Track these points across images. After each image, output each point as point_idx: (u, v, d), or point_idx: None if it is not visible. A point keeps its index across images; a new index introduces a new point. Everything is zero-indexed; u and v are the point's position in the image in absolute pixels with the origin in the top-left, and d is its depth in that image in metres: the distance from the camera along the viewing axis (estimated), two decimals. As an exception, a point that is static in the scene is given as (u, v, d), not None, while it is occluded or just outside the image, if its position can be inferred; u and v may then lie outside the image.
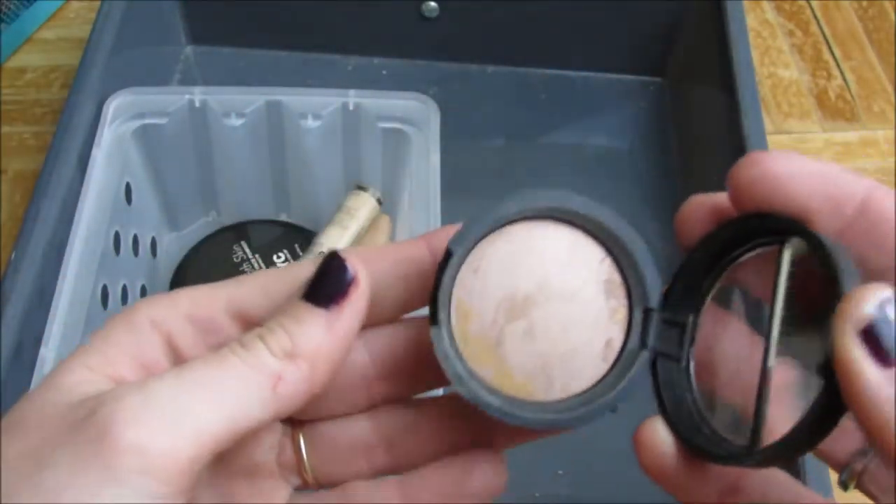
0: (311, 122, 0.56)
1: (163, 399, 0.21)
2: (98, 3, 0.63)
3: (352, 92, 0.56)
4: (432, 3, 0.70)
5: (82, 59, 0.59)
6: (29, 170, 0.67)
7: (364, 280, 0.23)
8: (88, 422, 0.20)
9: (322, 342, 0.23)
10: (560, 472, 0.54)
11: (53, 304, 0.47)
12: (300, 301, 0.23)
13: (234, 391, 0.22)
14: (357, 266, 0.23)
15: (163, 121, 0.56)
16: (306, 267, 0.24)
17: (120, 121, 0.55)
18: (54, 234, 0.50)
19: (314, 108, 0.56)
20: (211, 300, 0.24)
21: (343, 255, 0.23)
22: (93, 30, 0.61)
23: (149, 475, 0.20)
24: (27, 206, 0.51)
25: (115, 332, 0.23)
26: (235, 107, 0.56)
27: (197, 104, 0.56)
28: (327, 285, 0.23)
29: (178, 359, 0.24)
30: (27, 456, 0.20)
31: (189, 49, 0.73)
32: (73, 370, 0.22)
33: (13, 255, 0.49)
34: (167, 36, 0.71)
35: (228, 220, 0.61)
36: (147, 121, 0.55)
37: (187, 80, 0.71)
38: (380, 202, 0.59)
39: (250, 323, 0.24)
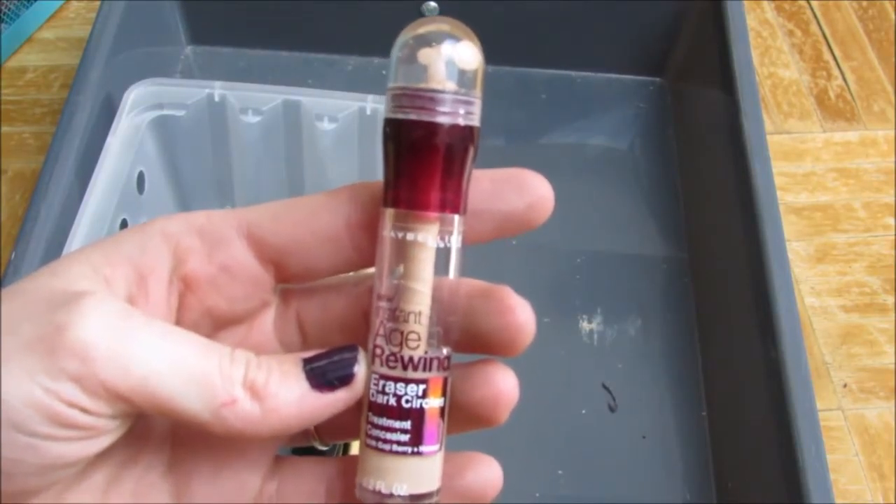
0: (326, 125, 0.56)
1: (135, 337, 0.22)
2: (98, 3, 0.63)
3: (370, 97, 0.56)
4: (432, 3, 0.70)
5: (82, 60, 0.59)
6: (29, 170, 0.67)
7: (358, 386, 0.24)
8: (61, 309, 0.22)
9: (283, 408, 0.23)
10: (560, 472, 0.54)
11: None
12: (297, 362, 0.24)
13: (192, 376, 0.22)
14: (360, 373, 0.24)
15: (181, 113, 0.55)
16: (317, 199, 0.25)
17: (138, 110, 0.55)
18: (54, 234, 0.50)
19: (331, 110, 0.56)
20: (224, 218, 0.25)
21: (358, 357, 0.24)
22: (92, 30, 0.61)
23: (79, 385, 0.21)
24: (27, 206, 0.51)
25: (125, 238, 0.24)
26: (253, 104, 0.56)
27: (216, 98, 0.56)
28: (325, 369, 0.24)
29: (181, 270, 0.24)
30: (3, 319, 0.22)
31: (189, 49, 0.73)
32: (75, 262, 0.23)
33: (13, 255, 0.49)
34: (167, 36, 0.71)
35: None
36: (165, 112, 0.55)
37: (187, 80, 0.71)
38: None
39: (258, 243, 0.25)
